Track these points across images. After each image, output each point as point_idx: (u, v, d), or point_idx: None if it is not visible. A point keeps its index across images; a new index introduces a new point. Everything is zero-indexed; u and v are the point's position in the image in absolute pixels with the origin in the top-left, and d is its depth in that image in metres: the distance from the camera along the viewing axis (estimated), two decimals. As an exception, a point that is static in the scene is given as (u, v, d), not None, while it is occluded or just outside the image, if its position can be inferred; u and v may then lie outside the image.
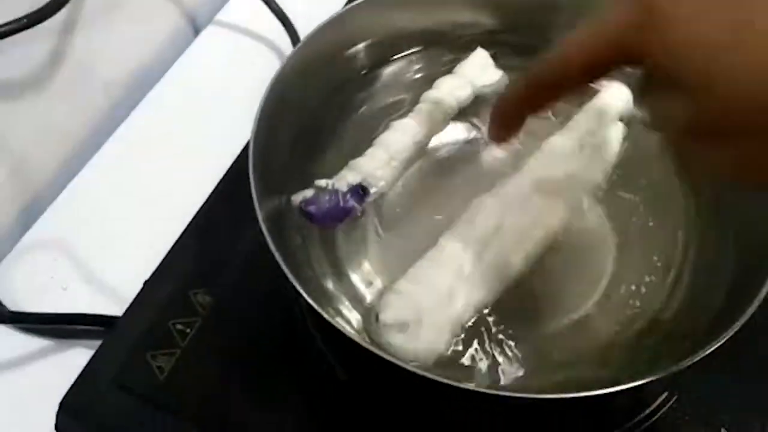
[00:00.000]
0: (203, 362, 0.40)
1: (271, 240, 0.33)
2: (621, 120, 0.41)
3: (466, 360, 0.36)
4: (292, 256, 0.36)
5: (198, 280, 0.42)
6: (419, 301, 0.35)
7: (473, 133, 0.44)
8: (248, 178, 0.35)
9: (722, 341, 0.31)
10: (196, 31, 0.62)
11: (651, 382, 0.31)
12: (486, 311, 0.36)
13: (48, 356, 0.46)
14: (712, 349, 0.31)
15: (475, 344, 0.36)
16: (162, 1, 0.60)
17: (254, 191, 0.34)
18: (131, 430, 0.38)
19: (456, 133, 0.44)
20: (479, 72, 0.44)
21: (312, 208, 0.38)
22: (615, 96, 0.41)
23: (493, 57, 0.45)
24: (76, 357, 0.42)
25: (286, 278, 0.32)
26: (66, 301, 0.47)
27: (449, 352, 0.35)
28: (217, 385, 0.39)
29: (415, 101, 0.43)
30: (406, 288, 0.36)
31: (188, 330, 0.41)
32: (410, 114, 0.42)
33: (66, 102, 0.53)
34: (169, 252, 0.44)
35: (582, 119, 0.41)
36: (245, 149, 0.37)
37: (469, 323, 0.36)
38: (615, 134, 0.41)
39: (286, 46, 0.58)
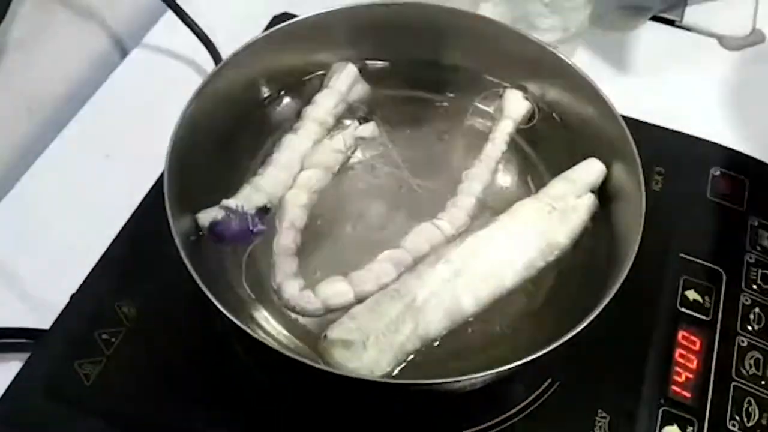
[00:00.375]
0: (128, 369, 0.43)
1: (186, 257, 0.36)
2: (592, 191, 0.45)
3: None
4: (208, 273, 0.39)
5: (123, 292, 0.45)
6: (367, 325, 0.38)
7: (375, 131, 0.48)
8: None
9: (579, 329, 0.36)
10: (124, 53, 0.65)
11: (525, 365, 0.36)
12: (435, 344, 0.40)
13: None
14: (569, 336, 0.36)
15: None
16: (89, 25, 0.62)
17: (168, 211, 0.38)
18: (60, 437, 0.41)
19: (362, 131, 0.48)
20: (349, 86, 0.49)
21: (220, 229, 0.41)
22: (590, 169, 0.45)
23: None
24: (5, 371, 0.44)
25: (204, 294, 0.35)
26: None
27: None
28: (142, 389, 0.42)
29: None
30: (358, 312, 0.39)
31: (113, 339, 0.44)
32: (297, 130, 0.46)
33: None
34: (96, 265, 0.47)
35: (555, 185, 0.44)
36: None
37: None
38: (585, 203, 0.44)
39: (210, 68, 0.61)
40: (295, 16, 0.49)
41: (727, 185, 0.53)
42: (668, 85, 0.62)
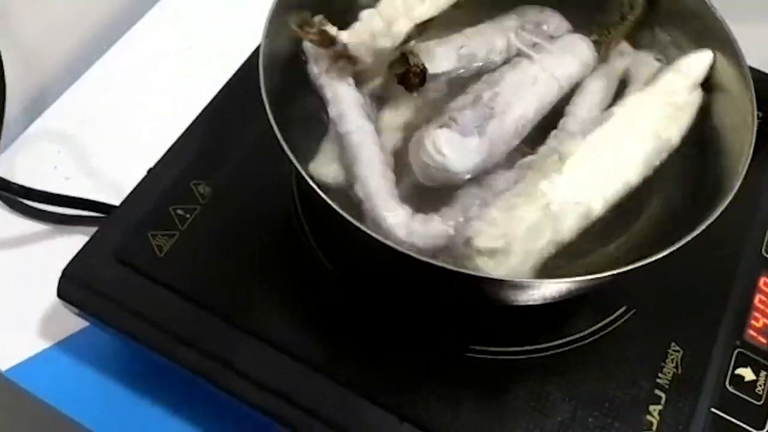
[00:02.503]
0: (200, 246, 0.43)
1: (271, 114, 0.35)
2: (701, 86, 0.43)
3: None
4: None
5: (200, 171, 0.45)
6: (509, 232, 0.37)
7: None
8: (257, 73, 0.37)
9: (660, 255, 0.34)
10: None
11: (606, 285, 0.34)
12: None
13: (51, 238, 0.48)
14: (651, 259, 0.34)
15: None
16: None
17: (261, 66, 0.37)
18: (128, 301, 0.41)
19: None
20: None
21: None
22: (699, 61, 0.43)
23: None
24: (77, 241, 0.44)
25: (282, 150, 0.34)
26: (68, 191, 0.49)
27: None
28: (212, 267, 0.42)
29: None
30: (497, 217, 0.37)
31: (188, 216, 0.43)
32: None
33: None
34: (174, 143, 0.46)
35: (668, 78, 0.42)
36: (257, 50, 0.40)
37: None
38: (695, 100, 0.42)
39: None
40: None
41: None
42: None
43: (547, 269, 0.37)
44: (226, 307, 0.41)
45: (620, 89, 0.44)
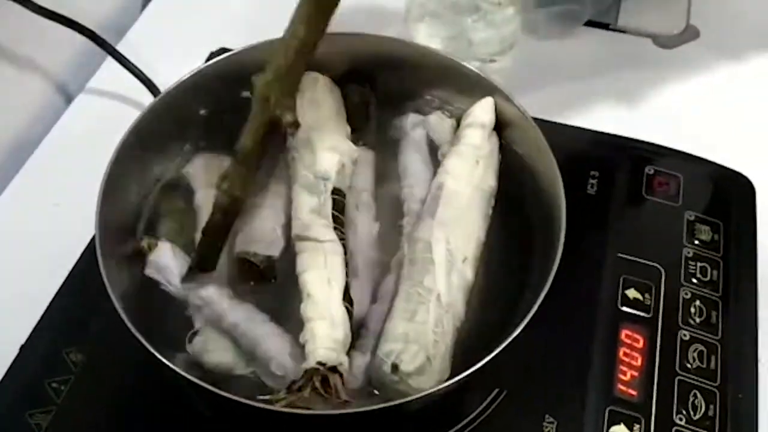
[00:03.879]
0: (78, 420, 0.43)
1: (125, 316, 0.37)
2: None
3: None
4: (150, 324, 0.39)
5: (71, 339, 0.46)
6: (422, 341, 0.38)
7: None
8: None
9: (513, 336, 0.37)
10: (68, 100, 0.66)
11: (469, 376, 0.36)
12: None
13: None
14: (505, 344, 0.36)
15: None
16: (30, 76, 0.63)
17: (102, 265, 0.38)
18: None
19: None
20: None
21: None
22: (485, 109, 0.47)
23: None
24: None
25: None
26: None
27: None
28: (94, 436, 0.43)
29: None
30: (406, 330, 0.38)
31: (62, 388, 0.44)
32: None
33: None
34: (44, 314, 0.47)
35: (468, 134, 0.46)
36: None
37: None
38: (494, 142, 0.47)
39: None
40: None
41: (662, 183, 0.54)
42: (604, 87, 0.63)
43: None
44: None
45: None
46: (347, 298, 0.40)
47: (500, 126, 0.47)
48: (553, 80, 0.64)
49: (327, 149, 0.44)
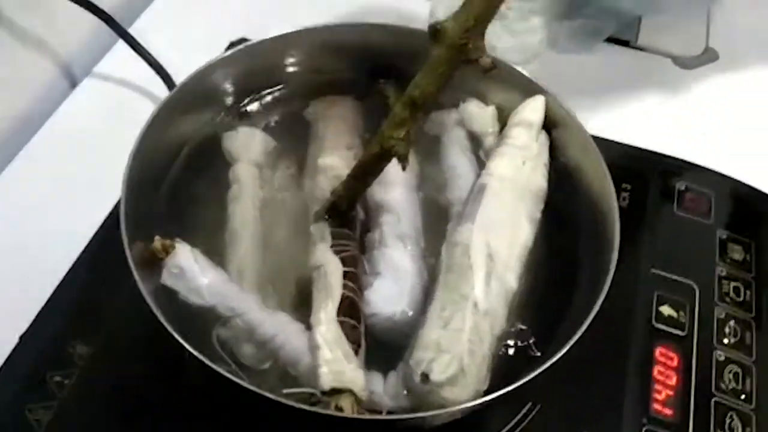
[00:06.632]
0: (82, 416, 0.40)
1: (151, 301, 0.34)
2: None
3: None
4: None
5: (76, 330, 0.42)
6: (455, 350, 0.36)
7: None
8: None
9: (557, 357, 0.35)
10: (73, 83, 0.62)
11: (507, 393, 0.34)
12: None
13: None
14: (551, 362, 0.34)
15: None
16: (36, 55, 0.60)
17: (125, 237, 0.35)
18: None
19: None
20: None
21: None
22: (535, 108, 0.45)
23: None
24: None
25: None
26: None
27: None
28: (97, 435, 0.39)
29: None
30: (439, 339, 0.36)
31: (66, 381, 0.41)
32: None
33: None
34: (45, 304, 0.44)
35: (515, 134, 0.44)
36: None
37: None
38: (544, 143, 0.45)
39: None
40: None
41: (693, 200, 0.53)
42: (624, 103, 0.62)
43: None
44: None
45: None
46: (355, 315, 0.38)
47: (545, 128, 0.45)
48: (570, 93, 0.64)
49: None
